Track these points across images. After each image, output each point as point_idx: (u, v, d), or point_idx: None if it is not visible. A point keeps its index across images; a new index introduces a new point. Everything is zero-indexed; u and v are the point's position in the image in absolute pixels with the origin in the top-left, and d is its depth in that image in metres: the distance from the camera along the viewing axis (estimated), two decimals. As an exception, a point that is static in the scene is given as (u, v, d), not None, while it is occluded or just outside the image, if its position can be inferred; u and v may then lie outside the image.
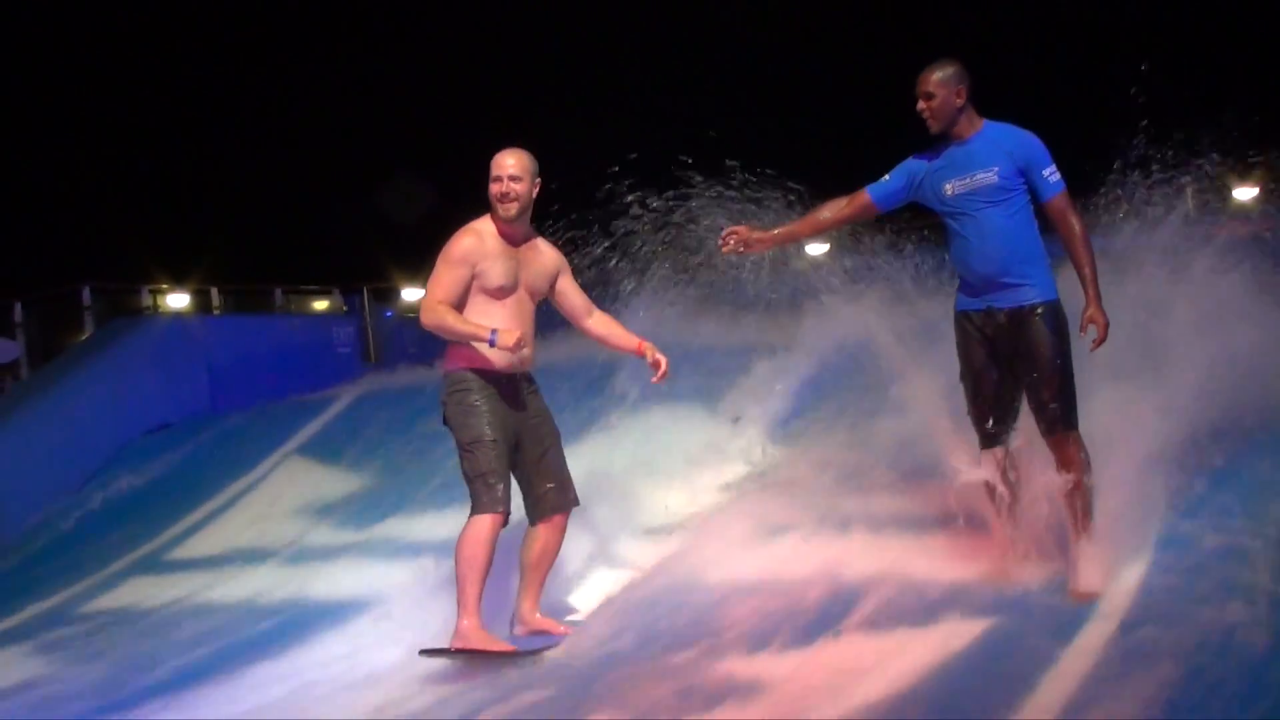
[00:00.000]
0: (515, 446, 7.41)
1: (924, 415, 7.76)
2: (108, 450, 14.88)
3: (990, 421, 6.77)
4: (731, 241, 7.31)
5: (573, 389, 10.57)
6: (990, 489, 6.82)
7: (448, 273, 7.31)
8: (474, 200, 7.40)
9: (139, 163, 36.25)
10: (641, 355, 7.64)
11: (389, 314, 22.92)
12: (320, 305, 21.84)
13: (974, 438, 6.89)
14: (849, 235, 10.06)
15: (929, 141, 6.86)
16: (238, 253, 28.86)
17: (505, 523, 7.21)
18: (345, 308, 21.66)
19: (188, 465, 13.56)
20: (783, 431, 9.59)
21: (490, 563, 7.15)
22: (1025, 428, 6.77)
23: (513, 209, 7.34)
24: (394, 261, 24.40)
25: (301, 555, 10.06)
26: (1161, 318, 8.03)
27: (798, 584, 7.15)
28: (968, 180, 6.66)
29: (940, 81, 6.64)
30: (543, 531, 7.53)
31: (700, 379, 10.25)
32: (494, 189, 7.36)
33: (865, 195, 7.03)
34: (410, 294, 24.41)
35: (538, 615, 7.49)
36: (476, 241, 7.36)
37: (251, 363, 16.89)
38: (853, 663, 6.09)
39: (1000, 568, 6.76)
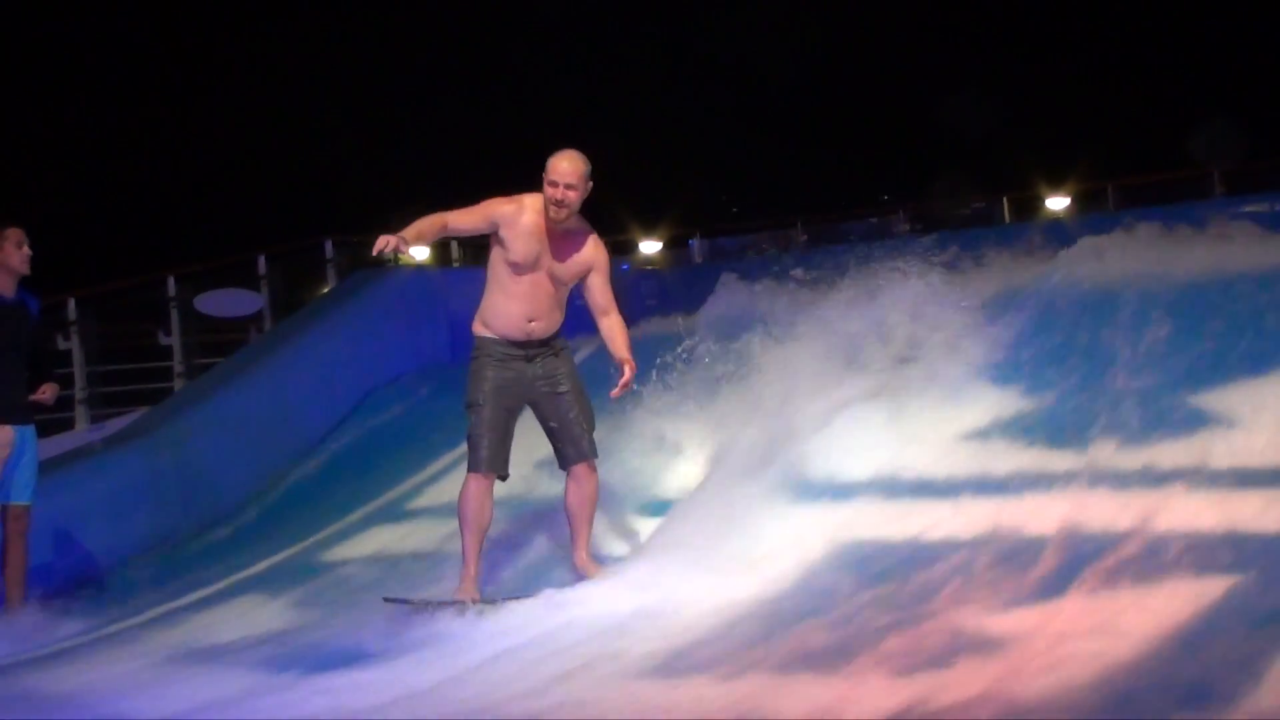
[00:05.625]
0: (534, 407, 8.25)
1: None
2: (351, 400, 15.02)
3: None
4: None
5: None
6: None
7: (472, 210, 8.04)
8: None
9: (381, 118, 36.81)
10: (620, 367, 8.11)
11: (625, 267, 22.86)
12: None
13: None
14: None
15: None
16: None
17: (499, 479, 8.13)
18: (583, 260, 21.59)
19: (428, 415, 13.59)
20: (1009, 378, 9.28)
21: (479, 518, 8.01)
22: None
23: (564, 213, 7.91)
24: (631, 214, 24.38)
25: (529, 505, 9.96)
26: None
27: (1030, 540, 6.99)
28: None
29: None
30: (570, 484, 8.24)
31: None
32: (549, 193, 7.89)
33: None
34: (647, 247, 24.37)
35: (585, 557, 8.17)
36: (514, 211, 7.97)
37: (491, 314, 16.93)
38: (1088, 617, 5.90)
39: None
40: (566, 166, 7.89)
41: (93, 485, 12.03)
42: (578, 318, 8.66)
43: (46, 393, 9.57)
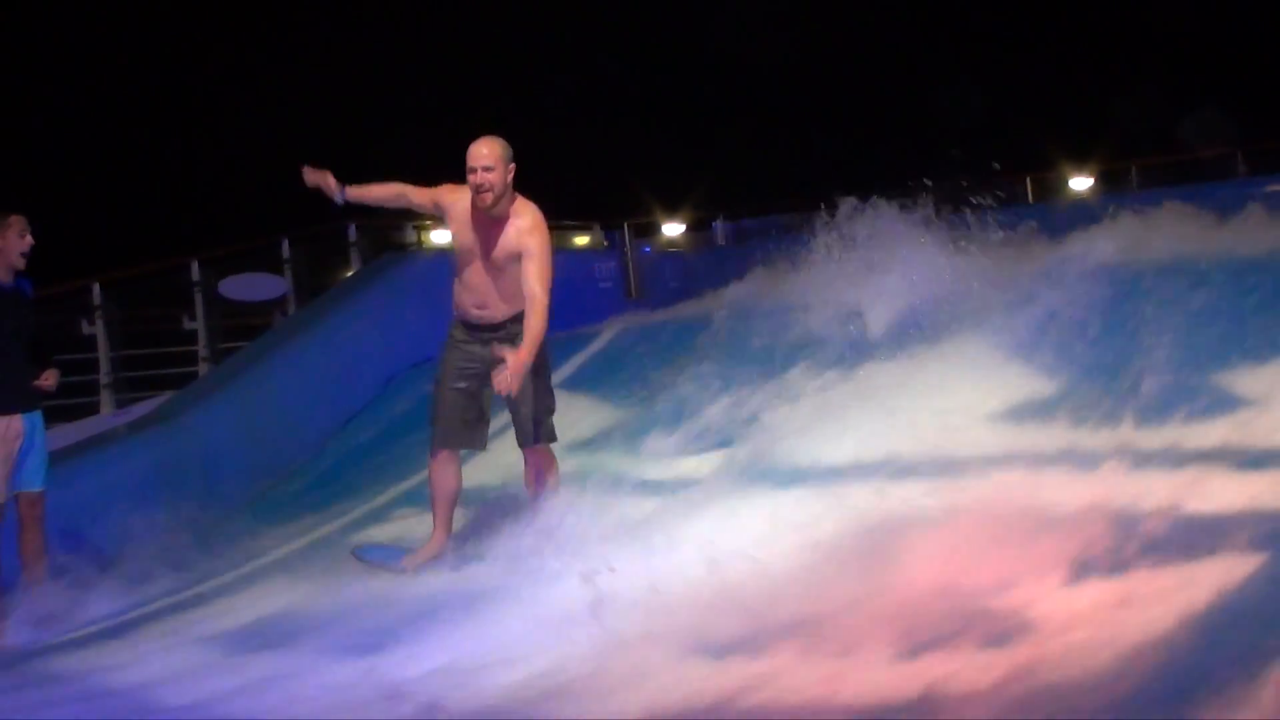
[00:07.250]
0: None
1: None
2: (375, 383, 15.08)
3: None
4: None
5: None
6: None
7: (426, 190, 8.46)
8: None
9: (403, 102, 36.87)
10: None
11: (647, 249, 22.83)
12: (581, 241, 21.79)
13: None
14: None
15: None
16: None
17: (455, 456, 8.68)
18: (606, 243, 21.60)
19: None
20: (1035, 356, 9.25)
21: (440, 490, 8.66)
22: None
23: (488, 198, 8.09)
24: (654, 197, 24.33)
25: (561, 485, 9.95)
26: None
27: (1054, 520, 6.87)
28: None
29: None
30: (525, 465, 8.69)
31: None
32: (471, 180, 8.10)
33: None
34: (670, 229, 24.30)
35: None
36: (451, 198, 8.33)
37: (514, 297, 16.93)
38: (1111, 600, 5.85)
39: None
40: (484, 151, 8.08)
41: (116, 469, 12.05)
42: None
43: (50, 379, 9.42)
